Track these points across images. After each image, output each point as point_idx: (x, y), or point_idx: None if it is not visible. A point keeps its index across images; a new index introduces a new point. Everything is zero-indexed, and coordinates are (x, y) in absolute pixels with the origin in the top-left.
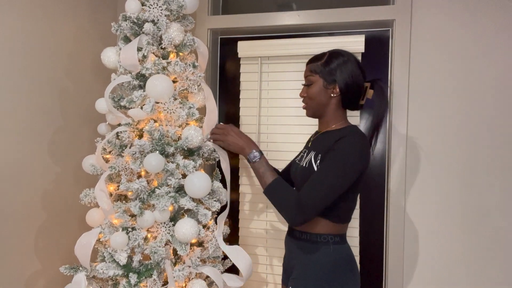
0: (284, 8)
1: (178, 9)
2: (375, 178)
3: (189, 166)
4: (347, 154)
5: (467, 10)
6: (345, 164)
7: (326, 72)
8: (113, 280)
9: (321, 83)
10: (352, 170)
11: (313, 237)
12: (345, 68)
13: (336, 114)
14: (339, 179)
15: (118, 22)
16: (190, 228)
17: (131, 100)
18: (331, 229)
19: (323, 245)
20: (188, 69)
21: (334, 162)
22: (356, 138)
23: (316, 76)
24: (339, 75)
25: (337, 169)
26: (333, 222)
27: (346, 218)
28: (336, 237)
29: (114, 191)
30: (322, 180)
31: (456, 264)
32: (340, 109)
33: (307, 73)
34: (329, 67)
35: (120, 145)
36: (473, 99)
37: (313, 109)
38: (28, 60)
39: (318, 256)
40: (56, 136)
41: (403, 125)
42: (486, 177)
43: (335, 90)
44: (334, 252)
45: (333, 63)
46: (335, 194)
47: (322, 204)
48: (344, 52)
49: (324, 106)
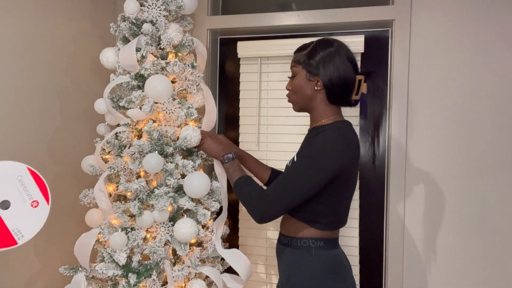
0: (284, 8)
1: (176, 10)
2: (375, 178)
3: (188, 166)
4: (318, 150)
5: (467, 10)
6: (314, 160)
7: (310, 63)
8: (113, 280)
9: (304, 74)
10: (322, 167)
11: (293, 242)
12: (330, 60)
13: (325, 109)
14: (306, 176)
15: (117, 23)
16: (189, 228)
17: (130, 101)
18: (312, 233)
19: (304, 250)
20: (187, 69)
21: (304, 158)
22: (333, 132)
23: (299, 67)
24: (322, 67)
25: (305, 165)
26: (312, 227)
27: (331, 224)
28: (319, 241)
29: (113, 191)
30: (289, 177)
31: (456, 264)
32: (327, 104)
33: (292, 64)
34: (313, 58)
35: (119, 146)
36: (473, 99)
37: (298, 103)
38: (27, 61)
39: (298, 261)
40: (55, 136)
41: (403, 125)
42: (487, 176)
43: (319, 84)
44: (315, 257)
45: (317, 53)
46: (300, 192)
47: (284, 200)
48: (334, 41)
49: (309, 100)
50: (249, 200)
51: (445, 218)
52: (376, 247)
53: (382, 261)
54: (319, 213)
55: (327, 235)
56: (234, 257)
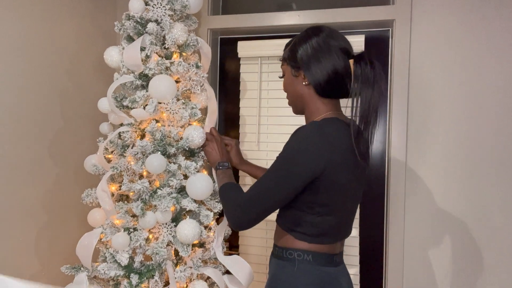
0: (284, 8)
1: (181, 9)
2: (375, 178)
3: (191, 167)
4: (288, 152)
5: (467, 10)
6: (286, 164)
7: (291, 58)
8: (115, 281)
9: (289, 71)
10: (295, 169)
11: (279, 251)
12: (311, 49)
13: (317, 105)
14: (278, 181)
15: (120, 22)
16: (192, 229)
17: (133, 100)
18: (300, 245)
19: (287, 262)
20: (191, 69)
21: (276, 161)
22: (308, 131)
23: (285, 64)
24: (305, 59)
25: (277, 169)
26: (296, 238)
27: (318, 235)
28: (306, 254)
29: (116, 191)
30: (262, 182)
31: (456, 265)
32: (319, 98)
33: (281, 62)
34: (294, 52)
35: (122, 145)
36: (474, 98)
37: (293, 103)
38: (29, 60)
39: (279, 274)
40: (58, 136)
41: (403, 125)
42: (488, 176)
43: (305, 78)
44: (297, 272)
45: (298, 45)
46: (276, 199)
47: (260, 208)
48: (315, 28)
49: (300, 97)
50: (226, 206)
51: (445, 218)
52: (376, 247)
53: (382, 261)
54: (304, 222)
55: (318, 248)
56: (235, 264)
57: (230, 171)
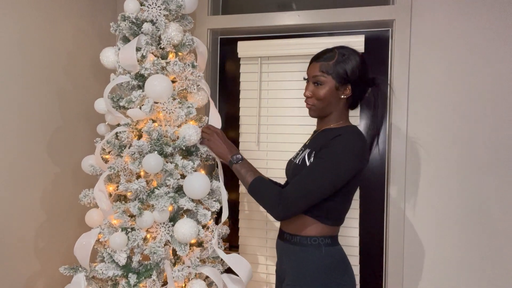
0: (284, 8)
1: (177, 9)
2: (375, 178)
3: (188, 166)
4: (339, 153)
5: (467, 10)
6: (336, 163)
7: (340, 73)
8: (113, 281)
9: (333, 84)
10: (343, 170)
11: (303, 240)
12: (357, 67)
13: (341, 114)
14: (327, 177)
15: (117, 22)
16: (190, 229)
17: (130, 100)
18: (322, 231)
19: (314, 248)
20: (187, 69)
21: (325, 160)
22: (352, 137)
23: (329, 77)
24: (352, 75)
25: (327, 167)
26: (323, 223)
27: (338, 220)
28: (327, 239)
29: (113, 191)
30: (309, 176)
31: (456, 264)
32: (346, 109)
33: (317, 73)
34: (342, 68)
35: (119, 146)
36: (473, 98)
37: (319, 110)
38: (27, 60)
39: (310, 259)
40: (55, 136)
41: (403, 125)
42: (487, 176)
43: (346, 92)
44: (326, 254)
45: (346, 63)
46: (321, 192)
47: (306, 199)
48: (351, 49)
49: (332, 106)
50: (268, 201)
51: (445, 218)
52: (376, 247)
53: (382, 261)
54: (329, 209)
55: (333, 231)
56: (235, 262)
57: (247, 162)
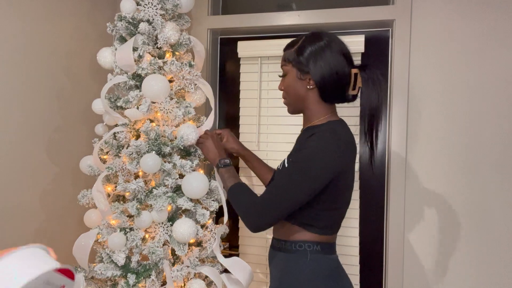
0: (284, 8)
1: (173, 8)
2: (374, 178)
3: (186, 166)
4: (311, 154)
5: (467, 10)
6: (308, 166)
7: (299, 61)
8: (112, 281)
9: (294, 73)
10: (317, 172)
11: (288, 245)
12: (321, 55)
13: (318, 108)
14: (300, 182)
15: (113, 22)
16: (188, 228)
17: (127, 101)
18: (309, 236)
19: (299, 254)
20: (184, 68)
21: (295, 164)
22: (325, 135)
23: (289, 66)
24: (313, 64)
25: (298, 171)
26: (309, 232)
27: (327, 229)
28: (315, 245)
29: (111, 191)
30: (280, 185)
31: (456, 264)
32: (321, 103)
33: (282, 62)
34: (302, 55)
35: (117, 146)
36: (474, 98)
37: (291, 104)
38: (25, 60)
39: (293, 266)
40: (53, 137)
41: (403, 125)
42: (488, 176)
43: (311, 82)
44: (311, 262)
45: (306, 49)
46: (295, 199)
47: (279, 208)
48: (323, 34)
49: (302, 99)
50: (242, 209)
51: (445, 218)
52: (376, 248)
53: (382, 261)
54: (315, 217)
55: (324, 239)
56: (236, 265)
57: (233, 169)
